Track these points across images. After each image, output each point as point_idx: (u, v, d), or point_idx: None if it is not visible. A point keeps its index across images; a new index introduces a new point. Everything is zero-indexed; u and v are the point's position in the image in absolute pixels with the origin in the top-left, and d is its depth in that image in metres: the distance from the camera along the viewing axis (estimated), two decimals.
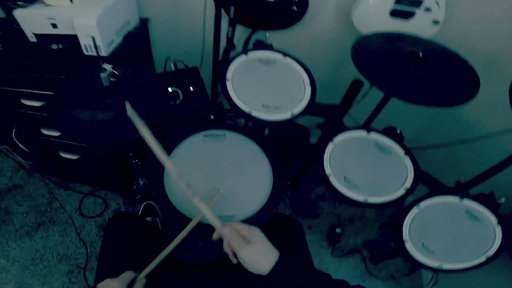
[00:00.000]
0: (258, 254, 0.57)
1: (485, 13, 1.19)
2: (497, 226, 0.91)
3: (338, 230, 1.54)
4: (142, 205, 1.49)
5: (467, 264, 0.88)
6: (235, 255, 0.60)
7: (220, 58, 1.26)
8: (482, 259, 0.87)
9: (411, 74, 0.95)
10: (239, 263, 0.60)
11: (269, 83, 0.98)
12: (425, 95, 0.91)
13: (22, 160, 1.59)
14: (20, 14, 1.11)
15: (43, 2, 1.15)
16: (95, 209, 1.57)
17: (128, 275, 0.65)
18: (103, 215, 1.55)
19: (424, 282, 1.47)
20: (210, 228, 0.76)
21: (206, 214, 0.62)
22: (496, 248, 0.88)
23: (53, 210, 1.56)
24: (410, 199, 0.97)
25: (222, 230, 0.60)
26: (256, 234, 0.59)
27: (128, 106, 0.67)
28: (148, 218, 1.44)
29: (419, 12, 1.13)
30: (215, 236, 0.63)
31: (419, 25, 1.16)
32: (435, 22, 1.15)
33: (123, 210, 1.57)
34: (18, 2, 1.14)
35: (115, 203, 1.59)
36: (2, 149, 1.63)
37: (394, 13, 1.14)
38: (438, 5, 1.11)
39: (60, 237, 1.48)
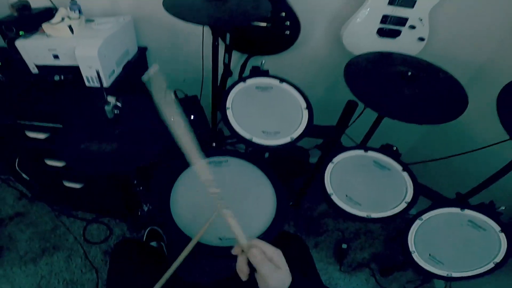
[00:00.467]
0: (284, 280, 0.55)
1: (468, 29, 1.23)
2: (500, 233, 0.93)
3: (344, 245, 1.54)
4: (147, 230, 1.48)
5: (476, 271, 0.90)
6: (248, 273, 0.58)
7: (218, 84, 1.28)
8: (491, 265, 0.90)
9: (401, 93, 0.97)
10: (247, 282, 0.58)
11: (267, 109, 1.01)
12: (416, 114, 0.93)
13: (24, 189, 1.59)
14: (21, 45, 1.12)
15: (44, 33, 1.15)
16: (99, 235, 1.57)
17: None
18: (108, 241, 1.54)
19: None
20: (215, 250, 0.77)
21: (233, 228, 0.58)
22: (504, 254, 0.90)
23: (57, 236, 1.55)
24: (414, 211, 0.99)
25: (251, 250, 0.55)
26: (282, 258, 0.56)
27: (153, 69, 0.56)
28: (153, 243, 1.43)
29: (405, 30, 1.17)
30: (235, 251, 0.59)
31: (406, 43, 1.19)
32: (421, 39, 1.18)
33: (127, 236, 1.56)
34: (20, 32, 1.14)
35: (119, 229, 1.59)
36: (4, 179, 1.63)
37: (381, 33, 1.18)
38: (421, 22, 1.14)
39: (65, 263, 1.46)
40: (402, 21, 1.14)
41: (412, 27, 1.15)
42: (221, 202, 0.59)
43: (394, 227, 1.72)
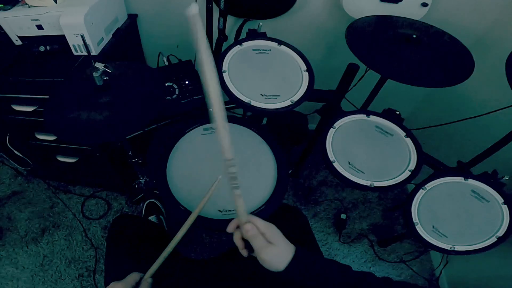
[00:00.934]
0: (278, 254, 0.54)
1: None
2: (503, 206, 0.90)
3: (343, 216, 1.53)
4: (145, 204, 1.45)
5: (478, 245, 0.87)
6: (247, 248, 0.58)
7: (212, 49, 1.21)
8: (493, 239, 0.86)
9: (406, 55, 0.94)
10: (250, 257, 0.58)
11: (266, 72, 0.95)
12: (421, 76, 0.89)
13: (19, 167, 1.54)
14: (2, 17, 1.05)
15: (25, 4, 1.09)
16: (98, 211, 1.54)
17: (133, 277, 0.62)
18: (107, 216, 1.51)
19: (434, 264, 1.47)
20: (215, 223, 0.74)
21: (237, 203, 0.56)
22: (506, 229, 0.87)
23: (56, 214, 1.52)
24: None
25: (245, 226, 0.56)
26: (275, 233, 0.56)
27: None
28: (152, 217, 1.40)
29: None
30: (231, 227, 0.59)
31: (409, 8, 1.13)
32: (424, 4, 1.12)
33: (126, 210, 1.54)
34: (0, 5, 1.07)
35: (117, 203, 1.56)
36: None
37: None
38: None
39: (66, 241, 1.44)
40: None
41: None
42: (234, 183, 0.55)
43: (391, 196, 1.70)
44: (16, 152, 1.36)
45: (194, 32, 0.43)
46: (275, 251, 0.54)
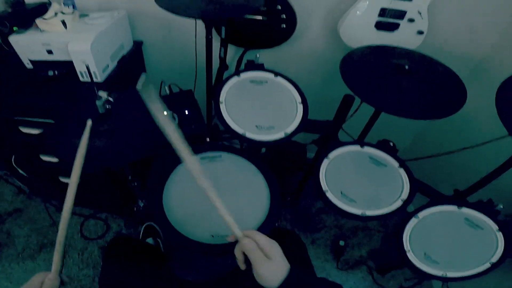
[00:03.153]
0: (276, 270, 0.56)
1: (467, 21, 1.22)
2: (498, 232, 0.92)
3: (341, 242, 1.54)
4: (143, 226, 1.50)
5: (472, 271, 0.89)
6: (245, 261, 0.60)
7: (214, 78, 1.29)
8: (487, 265, 0.89)
9: (398, 87, 0.97)
10: (244, 276, 0.60)
11: (261, 103, 1.01)
12: (413, 108, 0.92)
13: (22, 185, 1.61)
14: (15, 40, 1.14)
15: (38, 28, 1.16)
16: (97, 231, 1.59)
17: (37, 277, 0.59)
18: (105, 237, 1.56)
19: None
20: (206, 247, 0.78)
21: (227, 219, 0.61)
22: (500, 255, 0.89)
23: (55, 232, 1.57)
24: (411, 207, 0.98)
25: (242, 241, 0.59)
26: (276, 249, 0.58)
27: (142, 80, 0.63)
28: (149, 239, 1.45)
29: (403, 24, 1.16)
30: (230, 238, 0.63)
31: (404, 36, 1.18)
32: (420, 32, 1.17)
33: (124, 231, 1.58)
34: (14, 28, 1.15)
35: (116, 225, 1.61)
36: (1, 175, 1.65)
37: (379, 26, 1.17)
38: (420, 15, 1.13)
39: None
40: (400, 14, 1.14)
41: (411, 20, 1.14)
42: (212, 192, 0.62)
43: (392, 223, 1.72)
44: (20, 171, 1.43)
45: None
46: (272, 266, 0.56)
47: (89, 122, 0.79)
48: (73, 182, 0.68)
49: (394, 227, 1.70)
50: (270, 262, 0.56)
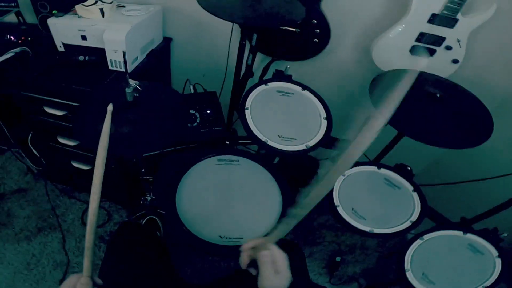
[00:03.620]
0: (280, 284, 0.58)
1: (504, 56, 1.21)
2: (497, 259, 0.94)
3: (338, 258, 1.54)
4: (145, 219, 1.50)
5: None
6: (249, 265, 0.62)
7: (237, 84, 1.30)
8: None
9: (426, 114, 0.97)
10: (245, 277, 0.61)
11: (286, 114, 1.02)
12: (439, 137, 0.93)
13: (31, 165, 1.62)
14: (53, 23, 1.17)
15: (76, 14, 1.20)
16: (98, 220, 1.57)
17: (70, 281, 0.59)
18: (105, 227, 1.56)
19: None
20: (214, 248, 0.78)
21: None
22: (495, 279, 0.91)
23: (55, 217, 1.57)
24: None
25: (261, 251, 0.60)
26: (284, 264, 0.60)
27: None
28: None
29: (440, 50, 1.15)
30: (248, 246, 0.63)
31: (439, 64, 1.17)
32: (455, 61, 1.16)
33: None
34: (53, 11, 1.20)
35: (118, 215, 1.60)
36: (14, 152, 1.67)
37: (415, 51, 1.16)
38: (459, 44, 1.12)
39: (59, 244, 1.48)
40: (439, 40, 1.12)
41: (449, 48, 1.13)
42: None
43: (390, 245, 1.71)
44: (34, 150, 1.45)
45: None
46: (277, 281, 0.58)
47: (110, 107, 0.80)
48: (96, 183, 0.68)
49: (392, 248, 1.69)
50: (277, 277, 0.58)
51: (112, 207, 1.63)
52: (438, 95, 0.99)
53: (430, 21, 1.09)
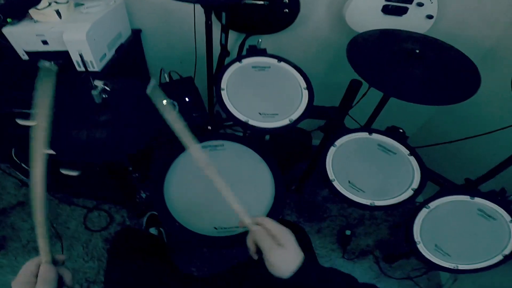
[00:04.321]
0: (288, 259, 0.53)
1: (478, 4, 1.15)
2: (511, 224, 0.87)
3: (347, 232, 1.51)
4: (147, 216, 1.47)
5: (484, 264, 0.85)
6: (258, 252, 0.57)
7: (215, 65, 1.22)
8: (500, 257, 0.84)
9: (409, 72, 0.92)
10: (252, 268, 0.59)
11: (265, 90, 0.95)
12: (425, 94, 0.87)
13: (23, 178, 1.57)
14: (9, 32, 1.09)
15: (32, 19, 1.12)
16: (100, 223, 1.55)
17: (27, 267, 0.52)
18: (109, 228, 1.53)
19: (442, 281, 1.43)
20: (210, 240, 0.74)
21: (235, 207, 0.58)
22: None
23: (59, 225, 1.55)
24: (420, 198, 0.93)
25: (252, 228, 0.56)
26: (289, 237, 0.55)
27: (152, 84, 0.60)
28: (152, 229, 1.42)
29: (412, 8, 1.10)
30: (240, 224, 0.61)
31: (413, 21, 1.12)
32: (429, 16, 1.11)
33: (127, 223, 1.55)
34: (7, 19, 1.10)
35: (119, 216, 1.58)
36: (3, 168, 1.62)
37: (386, 10, 1.11)
38: (430, 0, 1.07)
39: (67, 251, 1.46)
40: None
41: (420, 4, 1.08)
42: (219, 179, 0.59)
43: (400, 213, 1.67)
44: (22, 164, 1.39)
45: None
46: (284, 254, 0.53)
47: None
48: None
49: (402, 216, 1.65)
50: (282, 250, 0.53)
51: (112, 208, 1.60)
52: (417, 51, 0.93)
53: None
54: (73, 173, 1.32)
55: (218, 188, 0.60)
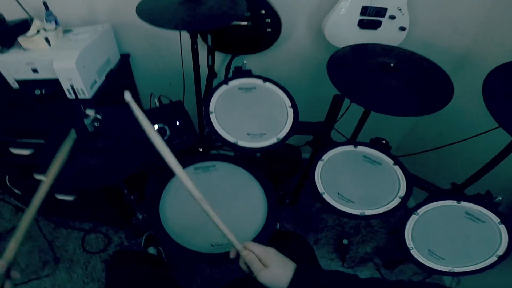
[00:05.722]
0: (275, 275, 0.57)
1: (448, 14, 1.19)
2: (500, 225, 0.89)
3: (345, 241, 1.50)
4: (144, 236, 1.45)
5: (479, 265, 0.86)
6: (251, 271, 0.61)
7: (204, 87, 1.23)
8: (494, 258, 0.86)
9: (385, 85, 0.93)
10: (251, 281, 0.61)
11: (252, 110, 0.96)
12: (401, 106, 0.88)
13: (18, 203, 1.54)
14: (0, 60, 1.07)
15: (21, 46, 1.10)
16: (98, 245, 1.53)
17: None
18: (107, 250, 1.51)
19: (446, 283, 1.42)
20: (207, 257, 0.76)
21: (226, 233, 0.62)
22: (506, 246, 0.86)
23: (57, 248, 1.52)
24: (413, 203, 0.94)
25: (242, 253, 0.60)
26: (271, 256, 0.59)
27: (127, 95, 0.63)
28: (151, 249, 1.40)
29: (385, 21, 1.13)
30: (232, 254, 0.64)
31: (387, 34, 1.15)
32: (402, 28, 1.14)
33: (125, 244, 1.53)
34: None
35: (117, 237, 1.56)
36: None
37: (362, 24, 1.14)
38: (401, 11, 1.10)
39: (67, 274, 1.44)
40: (381, 11, 1.10)
41: (392, 17, 1.11)
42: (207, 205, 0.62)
43: (395, 219, 1.67)
44: (16, 190, 1.37)
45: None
46: (269, 273, 0.57)
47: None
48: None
49: (397, 222, 1.66)
50: (267, 270, 0.57)
51: (109, 230, 1.58)
52: (391, 64, 0.94)
53: None
54: (69, 198, 1.30)
55: (207, 213, 0.62)
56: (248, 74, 1.01)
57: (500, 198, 0.92)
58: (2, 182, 1.35)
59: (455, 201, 0.94)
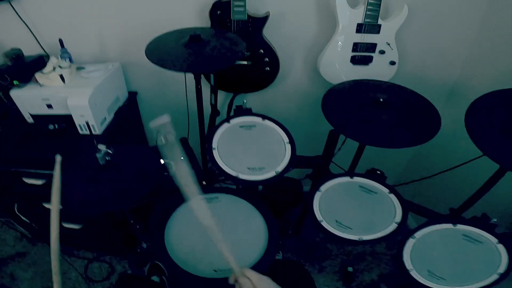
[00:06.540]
0: None
1: (435, 46, 1.24)
2: (498, 245, 0.90)
3: (350, 269, 1.49)
4: (148, 265, 1.46)
5: (480, 284, 0.87)
6: None
7: (207, 124, 1.29)
8: (495, 276, 0.87)
9: (377, 119, 0.97)
10: None
11: (252, 146, 1.02)
12: (391, 139, 0.94)
13: (24, 231, 1.56)
14: (16, 95, 1.12)
15: (37, 82, 1.14)
16: (101, 273, 1.54)
17: None
18: (110, 279, 1.51)
19: None
20: (210, 282, 0.78)
21: (229, 260, 0.65)
22: (506, 264, 0.87)
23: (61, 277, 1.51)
24: (414, 224, 0.94)
25: (240, 280, 0.63)
26: (264, 286, 0.62)
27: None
28: (155, 277, 1.40)
29: (376, 56, 1.18)
30: (231, 280, 0.66)
31: (379, 68, 1.20)
32: (392, 63, 1.19)
33: (129, 272, 1.53)
34: (14, 82, 1.12)
35: (120, 267, 1.56)
36: (4, 221, 1.60)
37: (354, 60, 1.19)
38: (390, 46, 1.16)
39: None
40: (371, 47, 1.16)
41: (382, 52, 1.17)
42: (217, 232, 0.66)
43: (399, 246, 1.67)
44: (24, 218, 1.39)
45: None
46: None
47: (58, 158, 0.82)
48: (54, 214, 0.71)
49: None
50: None
51: (113, 259, 1.59)
52: (381, 100, 0.99)
53: (358, 31, 1.13)
54: (75, 227, 1.33)
55: (214, 240, 0.67)
56: (248, 112, 1.07)
57: (495, 220, 0.94)
58: (10, 210, 1.38)
59: (451, 224, 0.96)
